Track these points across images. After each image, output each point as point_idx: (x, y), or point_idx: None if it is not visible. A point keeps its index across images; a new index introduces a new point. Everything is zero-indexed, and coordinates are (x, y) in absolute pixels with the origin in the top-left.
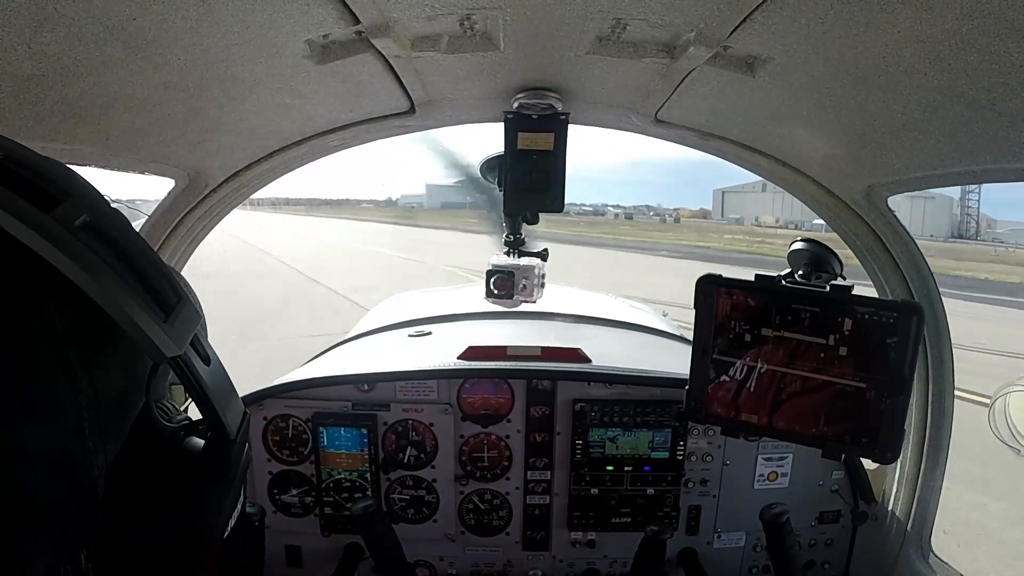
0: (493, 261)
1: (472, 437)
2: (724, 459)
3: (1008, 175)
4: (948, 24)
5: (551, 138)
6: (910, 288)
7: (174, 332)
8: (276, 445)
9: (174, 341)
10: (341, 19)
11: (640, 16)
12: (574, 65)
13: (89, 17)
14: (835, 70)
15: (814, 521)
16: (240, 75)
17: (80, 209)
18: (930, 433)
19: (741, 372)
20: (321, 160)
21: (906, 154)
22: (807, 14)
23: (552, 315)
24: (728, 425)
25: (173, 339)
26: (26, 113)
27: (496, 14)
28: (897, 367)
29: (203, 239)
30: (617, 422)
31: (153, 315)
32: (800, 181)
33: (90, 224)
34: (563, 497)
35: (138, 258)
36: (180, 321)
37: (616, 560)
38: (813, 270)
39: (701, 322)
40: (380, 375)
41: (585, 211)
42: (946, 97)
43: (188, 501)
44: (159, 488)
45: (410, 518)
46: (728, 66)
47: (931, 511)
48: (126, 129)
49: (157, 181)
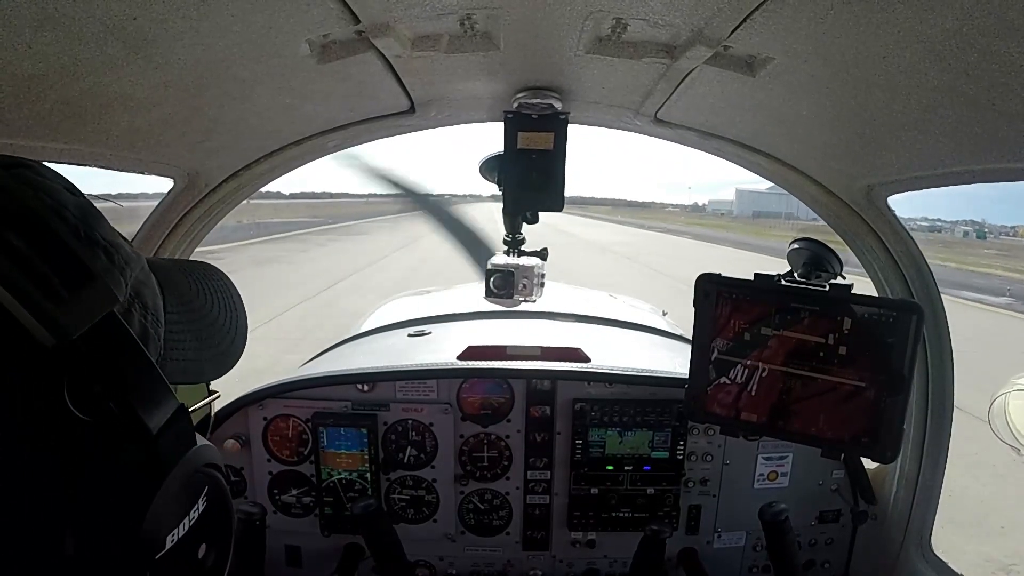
0: (493, 261)
1: (472, 437)
2: (724, 458)
3: (1008, 175)
4: (948, 24)
5: (551, 138)
6: (910, 288)
7: (70, 314)
8: (276, 445)
9: (70, 324)
10: (341, 19)
11: (640, 16)
12: (574, 65)
13: (89, 17)
14: (835, 70)
15: (814, 520)
16: (240, 75)
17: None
18: (930, 433)
19: (741, 372)
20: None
21: (906, 154)
22: (807, 14)
23: (552, 315)
24: (727, 424)
25: (69, 320)
26: (26, 113)
27: (496, 14)
28: (897, 366)
29: (203, 239)
30: (617, 422)
31: (42, 296)
32: (800, 181)
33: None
34: (563, 497)
35: (49, 244)
36: (81, 303)
37: (616, 560)
38: (813, 269)
39: (701, 321)
40: (380, 375)
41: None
42: (946, 97)
43: (106, 503)
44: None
45: (410, 518)
46: (728, 66)
47: (931, 510)
48: (126, 129)
49: (157, 181)
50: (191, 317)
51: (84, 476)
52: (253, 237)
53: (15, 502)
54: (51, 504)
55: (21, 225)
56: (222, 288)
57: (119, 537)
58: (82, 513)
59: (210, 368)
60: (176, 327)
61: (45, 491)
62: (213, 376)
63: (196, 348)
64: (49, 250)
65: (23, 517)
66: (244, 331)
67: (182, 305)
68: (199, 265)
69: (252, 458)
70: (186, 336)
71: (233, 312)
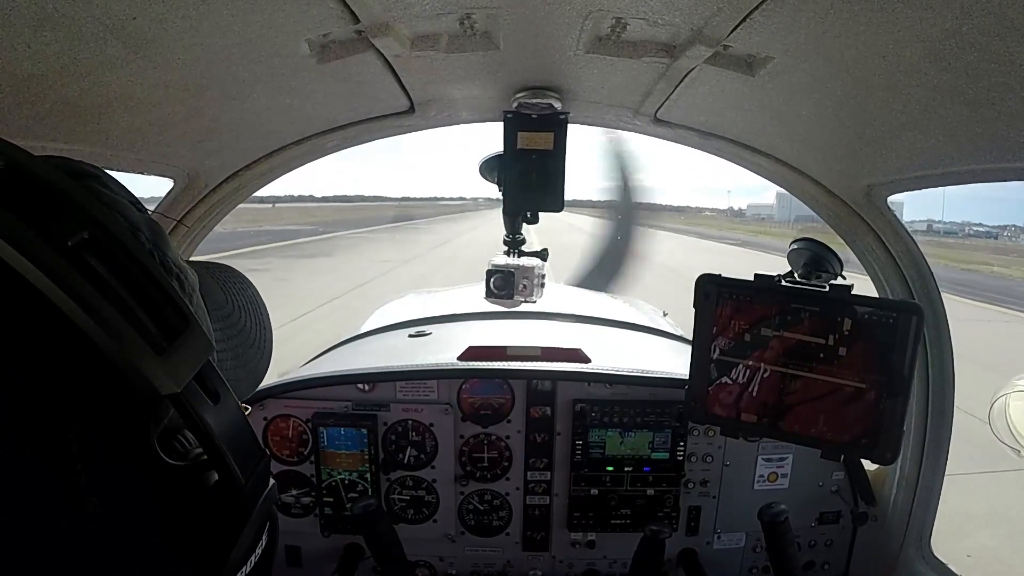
0: (493, 261)
1: (472, 437)
2: (724, 460)
3: (1008, 175)
4: (948, 24)
5: (551, 138)
6: (910, 288)
7: (171, 367)
8: (276, 445)
9: (171, 377)
10: (341, 18)
11: (640, 16)
12: (574, 65)
13: (89, 17)
14: (835, 70)
15: (814, 522)
16: (240, 75)
17: (80, 226)
18: (930, 433)
19: (741, 372)
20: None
21: (906, 154)
22: (807, 14)
23: (552, 315)
24: (728, 425)
25: (170, 375)
26: (26, 113)
27: (496, 13)
28: (897, 367)
29: (203, 239)
30: (617, 422)
31: (146, 348)
32: (800, 181)
33: (89, 242)
34: (563, 497)
35: (142, 279)
36: (182, 353)
37: (616, 560)
38: (813, 270)
39: (701, 322)
40: (380, 375)
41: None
42: (946, 97)
43: (190, 545)
44: (162, 530)
45: (410, 518)
46: (728, 66)
47: (931, 512)
48: (126, 129)
49: (156, 181)
50: (229, 334)
51: (169, 518)
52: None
53: (95, 542)
54: (134, 542)
55: (105, 253)
56: (251, 298)
57: (205, 567)
58: (166, 557)
59: (245, 387)
60: (219, 346)
61: (122, 528)
62: (246, 394)
63: (234, 366)
64: (141, 286)
65: (105, 558)
66: (271, 343)
67: (221, 320)
68: (225, 270)
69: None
70: (227, 356)
71: (261, 324)
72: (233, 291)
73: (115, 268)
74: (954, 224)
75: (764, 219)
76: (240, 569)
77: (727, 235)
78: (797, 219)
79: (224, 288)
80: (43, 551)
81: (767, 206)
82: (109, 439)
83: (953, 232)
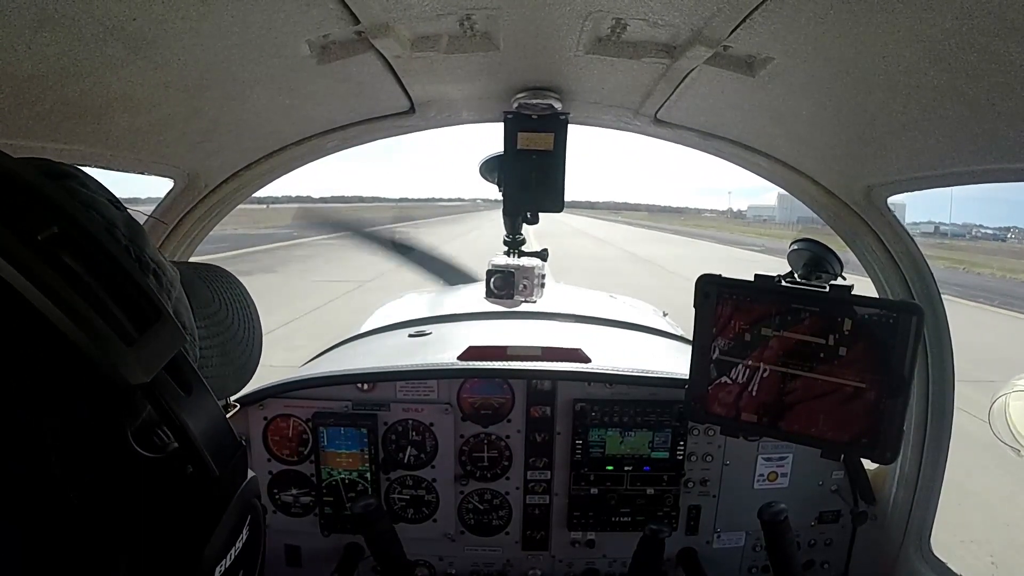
0: (493, 261)
1: (472, 437)
2: (724, 459)
3: (1008, 175)
4: (948, 24)
5: (551, 138)
6: (910, 288)
7: (141, 357)
8: (276, 445)
9: (140, 367)
10: (341, 19)
11: (640, 16)
12: (574, 65)
13: (89, 17)
14: (835, 70)
15: (814, 521)
16: (240, 75)
17: (51, 221)
18: (930, 433)
19: (741, 372)
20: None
21: (906, 154)
22: (807, 14)
23: (552, 315)
24: (728, 425)
25: (139, 364)
26: (26, 113)
27: (496, 14)
28: (897, 367)
29: (202, 239)
30: (617, 422)
31: (115, 338)
32: (800, 181)
33: (59, 236)
34: (563, 497)
35: (114, 273)
36: (153, 344)
37: (616, 560)
38: (813, 270)
39: (701, 322)
40: (380, 375)
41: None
42: (946, 97)
43: (164, 537)
44: (139, 523)
45: (410, 518)
46: (728, 66)
47: (931, 511)
48: (126, 129)
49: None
50: (215, 331)
51: (144, 509)
52: None
53: (70, 531)
54: (107, 534)
55: (77, 247)
56: (238, 296)
57: (175, 570)
58: (140, 546)
59: (232, 383)
60: (204, 343)
61: (102, 519)
62: (234, 391)
63: (220, 363)
64: (112, 279)
65: (79, 546)
66: (260, 342)
67: (206, 318)
68: (213, 269)
69: (252, 458)
70: (212, 352)
71: (250, 322)
72: (220, 289)
73: (86, 262)
74: (957, 226)
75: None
76: (219, 562)
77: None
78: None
79: (210, 286)
80: (20, 543)
81: (768, 207)
82: (84, 432)
83: (960, 235)
